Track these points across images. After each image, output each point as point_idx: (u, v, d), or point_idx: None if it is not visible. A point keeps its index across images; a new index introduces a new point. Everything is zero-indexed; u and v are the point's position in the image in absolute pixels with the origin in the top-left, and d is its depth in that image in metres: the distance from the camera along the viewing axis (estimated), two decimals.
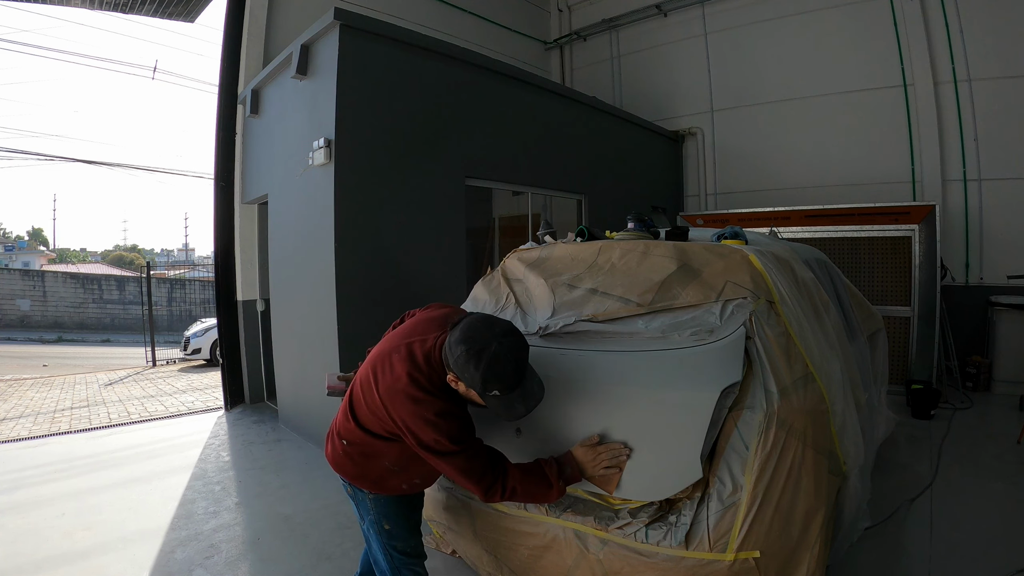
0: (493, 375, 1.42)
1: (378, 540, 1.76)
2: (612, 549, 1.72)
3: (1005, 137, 5.71)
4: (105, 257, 42.46)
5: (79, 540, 2.88)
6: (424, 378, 1.52)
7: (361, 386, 1.65)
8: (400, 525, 1.76)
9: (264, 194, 5.21)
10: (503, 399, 1.47)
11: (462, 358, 1.43)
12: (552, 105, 5.61)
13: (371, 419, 1.61)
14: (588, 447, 1.69)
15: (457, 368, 1.46)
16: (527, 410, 1.51)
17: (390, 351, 1.62)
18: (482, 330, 1.46)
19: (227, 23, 5.53)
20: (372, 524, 1.75)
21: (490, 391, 1.44)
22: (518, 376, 1.47)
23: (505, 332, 1.48)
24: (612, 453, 1.67)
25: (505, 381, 1.44)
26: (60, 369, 10.15)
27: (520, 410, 1.50)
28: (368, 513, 1.74)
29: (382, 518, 1.73)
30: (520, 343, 1.50)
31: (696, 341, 1.82)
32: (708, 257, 2.11)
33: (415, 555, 1.80)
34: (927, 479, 3.35)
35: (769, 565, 1.59)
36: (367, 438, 1.63)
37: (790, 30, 7.00)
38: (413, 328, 1.69)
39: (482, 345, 1.42)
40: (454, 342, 1.46)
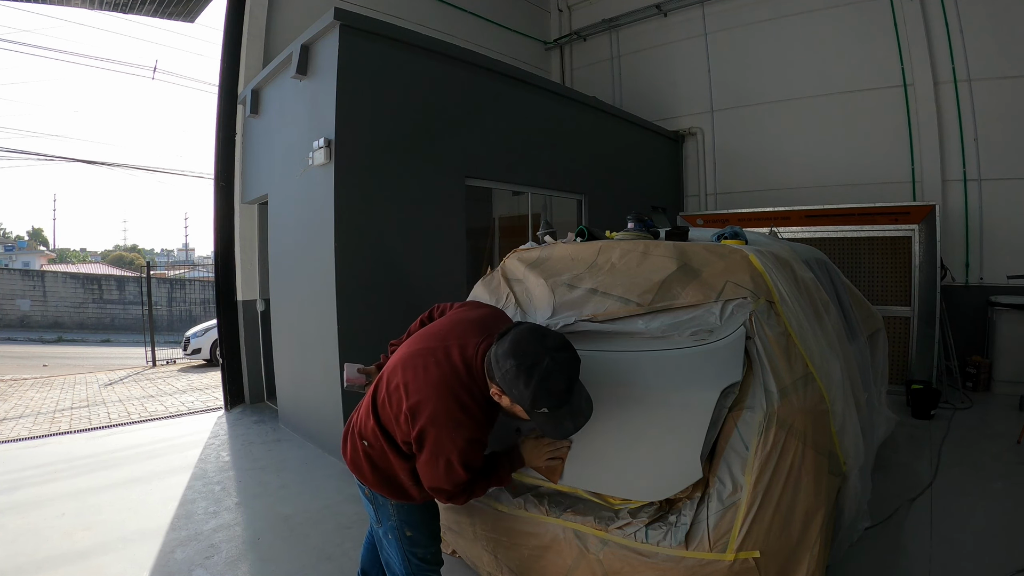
0: (544, 392, 1.34)
1: (397, 546, 1.68)
2: (612, 549, 1.72)
3: (1005, 137, 5.71)
4: (105, 257, 42.46)
5: (79, 540, 2.87)
6: (465, 391, 1.43)
7: (388, 387, 1.53)
8: (422, 532, 1.70)
9: (264, 194, 5.21)
10: (551, 417, 1.40)
11: (511, 373, 1.35)
12: (552, 105, 5.61)
13: (393, 425, 1.51)
14: (533, 440, 1.72)
15: (504, 383, 1.37)
16: (575, 428, 1.44)
17: (425, 352, 1.51)
18: (534, 343, 1.37)
19: (227, 23, 5.53)
20: (392, 530, 1.67)
21: (539, 408, 1.37)
22: (569, 393, 1.39)
23: (558, 346, 1.40)
24: (554, 446, 1.71)
25: (556, 399, 1.36)
26: (60, 369, 10.15)
27: (568, 428, 1.44)
28: (389, 519, 1.66)
29: (404, 525, 1.66)
30: (573, 358, 1.42)
31: (696, 341, 1.82)
32: (708, 257, 2.11)
33: (435, 562, 1.75)
34: (927, 479, 3.35)
35: (769, 565, 1.59)
36: (385, 445, 1.54)
37: (790, 30, 7.00)
38: (451, 329, 1.58)
39: (533, 360, 1.34)
40: (502, 354, 1.37)
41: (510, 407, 1.43)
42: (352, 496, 3.36)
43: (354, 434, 1.64)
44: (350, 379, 1.97)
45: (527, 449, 1.70)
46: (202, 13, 6.73)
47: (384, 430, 1.54)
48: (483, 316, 1.64)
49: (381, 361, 1.96)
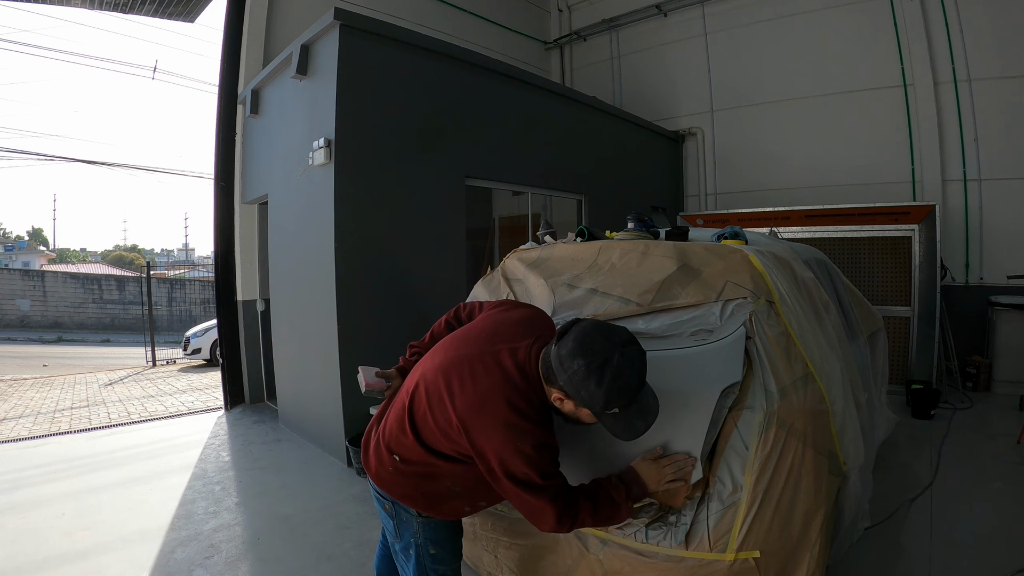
0: (617, 390, 1.26)
1: (417, 563, 1.58)
2: (612, 549, 1.72)
3: (1005, 137, 5.71)
4: (105, 257, 42.45)
5: (79, 540, 2.88)
6: (522, 398, 1.33)
7: (428, 397, 1.42)
8: (447, 549, 1.61)
9: (264, 194, 5.21)
10: (622, 416, 1.31)
11: (580, 373, 1.26)
12: (552, 105, 5.61)
13: (439, 438, 1.40)
14: (651, 461, 1.55)
15: (572, 385, 1.28)
16: (646, 428, 1.35)
17: (470, 358, 1.41)
18: (601, 340, 1.29)
19: (227, 23, 5.53)
20: (416, 547, 1.56)
21: (611, 409, 1.29)
22: (640, 390, 1.32)
23: (626, 341, 1.32)
24: (677, 466, 1.55)
25: (628, 396, 1.29)
26: (60, 369, 10.15)
27: (640, 427, 1.35)
28: (413, 536, 1.55)
29: (429, 543, 1.56)
30: (641, 352, 1.34)
31: (696, 341, 1.82)
32: (708, 257, 2.11)
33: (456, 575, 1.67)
34: (927, 479, 3.35)
35: (769, 565, 1.59)
36: (430, 458, 1.43)
37: (790, 30, 7.00)
38: (495, 331, 1.48)
39: (605, 357, 1.26)
40: (567, 355, 1.28)
41: (574, 411, 1.35)
42: (352, 496, 3.36)
43: (381, 447, 1.52)
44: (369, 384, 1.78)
45: (644, 471, 1.53)
46: (202, 13, 6.73)
47: (425, 444, 1.43)
48: (527, 316, 1.55)
49: (401, 364, 1.79)
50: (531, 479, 1.31)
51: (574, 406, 1.33)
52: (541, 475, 1.31)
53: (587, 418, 1.34)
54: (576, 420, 1.38)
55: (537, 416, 1.34)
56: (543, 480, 1.31)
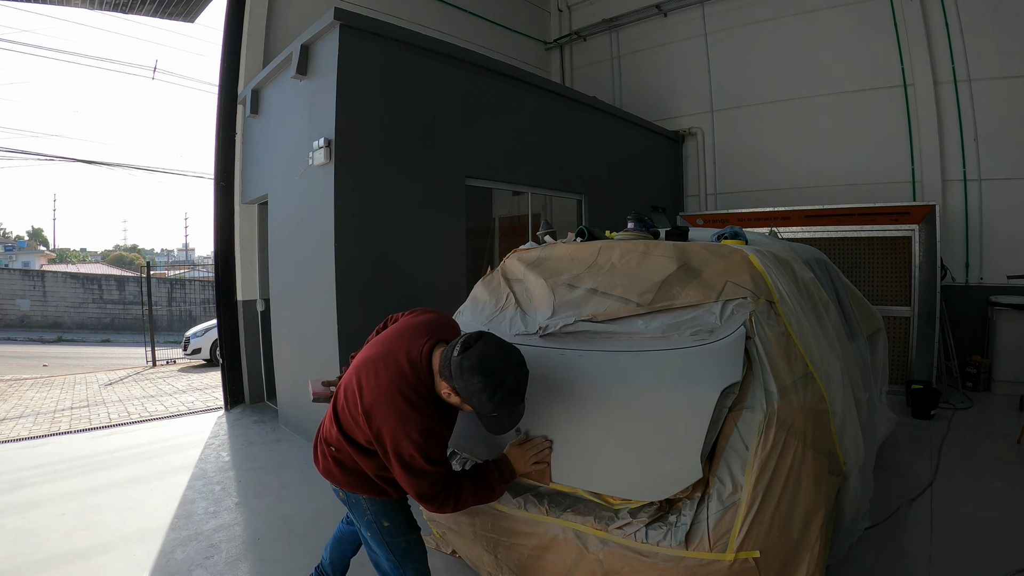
0: (503, 404, 1.52)
1: (378, 539, 1.76)
2: (612, 549, 1.72)
3: (1005, 137, 5.71)
4: (105, 257, 42.45)
5: (79, 540, 2.88)
6: (413, 391, 1.55)
7: (346, 394, 1.66)
8: (398, 521, 1.78)
9: (264, 194, 5.21)
10: (497, 418, 1.55)
11: (477, 386, 1.47)
12: (552, 105, 5.61)
13: (354, 429, 1.63)
14: (517, 446, 1.80)
15: (467, 392, 1.50)
16: (511, 427, 1.62)
17: (376, 358, 1.64)
18: (501, 362, 1.51)
19: (227, 23, 5.53)
20: (370, 524, 1.75)
21: (493, 413, 1.53)
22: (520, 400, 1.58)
23: (520, 365, 1.57)
24: (536, 449, 1.79)
25: (510, 407, 1.55)
26: (60, 369, 10.15)
27: (507, 426, 1.60)
28: (364, 514, 1.75)
29: (381, 517, 1.74)
30: (526, 374, 1.59)
31: (696, 341, 1.82)
32: (708, 257, 2.11)
33: (418, 549, 1.83)
34: (927, 479, 3.35)
35: (769, 565, 1.59)
36: (349, 448, 1.65)
37: (790, 30, 7.00)
38: (399, 335, 1.71)
39: (499, 380, 1.49)
40: (468, 368, 1.48)
41: (459, 404, 1.57)
42: None
43: (321, 442, 1.76)
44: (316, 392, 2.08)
45: (514, 457, 1.78)
46: (202, 13, 6.73)
47: (346, 434, 1.65)
48: (429, 320, 1.77)
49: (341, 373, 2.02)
50: (417, 462, 1.52)
51: (460, 401, 1.55)
52: (426, 459, 1.52)
53: (467, 408, 1.57)
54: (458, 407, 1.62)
55: (426, 407, 1.56)
56: (428, 464, 1.53)
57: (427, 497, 1.58)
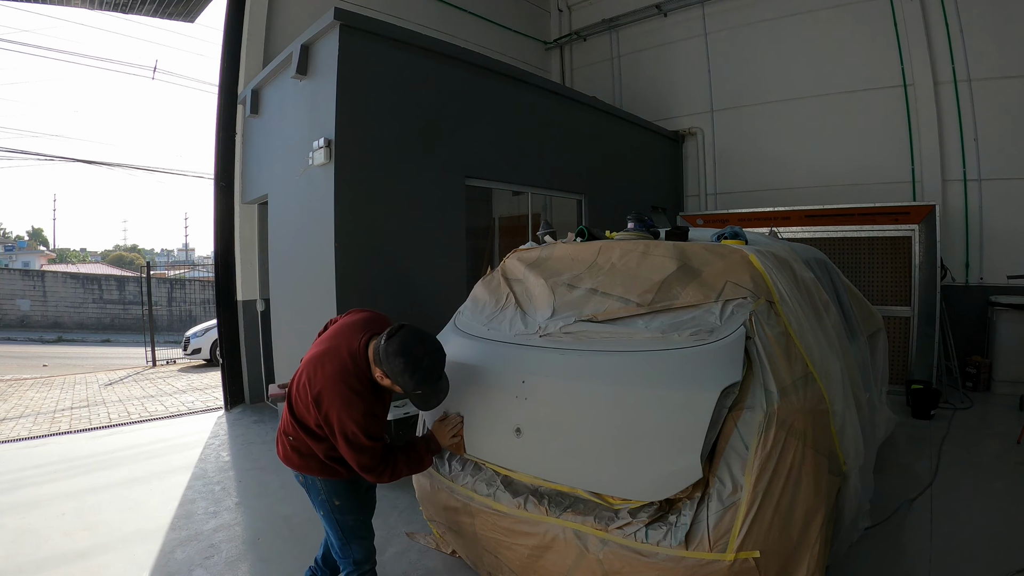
0: (424, 382, 1.79)
1: (330, 517, 1.96)
2: (612, 549, 1.72)
3: (1005, 137, 5.71)
4: (105, 257, 42.43)
5: (79, 540, 2.88)
6: (354, 378, 1.79)
7: (297, 387, 1.89)
8: (349, 499, 1.97)
9: (264, 194, 5.20)
10: (423, 395, 1.84)
11: (398, 367, 1.74)
12: (552, 105, 5.61)
13: (306, 415, 1.86)
14: (439, 423, 2.12)
15: (392, 374, 1.76)
16: (437, 403, 1.90)
17: (321, 354, 1.87)
18: (417, 346, 1.78)
19: (227, 23, 5.53)
20: (323, 504, 1.95)
21: (416, 391, 1.81)
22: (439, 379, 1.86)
23: (435, 349, 1.84)
24: (452, 424, 2.10)
25: (430, 386, 1.83)
26: (60, 369, 10.14)
27: (433, 403, 1.89)
28: (319, 494, 1.95)
29: (332, 496, 1.94)
30: (443, 357, 1.87)
31: (696, 341, 1.82)
32: (708, 257, 2.11)
33: (365, 528, 2.02)
34: (927, 479, 3.35)
35: (769, 565, 1.59)
36: (304, 435, 1.88)
37: (790, 30, 7.00)
38: (339, 332, 1.94)
39: (417, 361, 1.76)
40: (392, 352, 1.75)
41: (391, 386, 1.83)
42: None
43: (280, 434, 1.99)
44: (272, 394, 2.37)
45: (437, 432, 2.09)
46: (202, 13, 6.74)
47: (300, 422, 1.88)
48: (363, 318, 2.00)
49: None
50: (359, 439, 1.76)
51: (391, 383, 1.81)
52: (367, 436, 1.77)
53: (399, 389, 1.83)
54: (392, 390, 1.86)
55: (365, 391, 1.81)
56: (369, 440, 1.77)
57: (368, 468, 1.80)
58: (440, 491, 2.25)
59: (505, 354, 2.17)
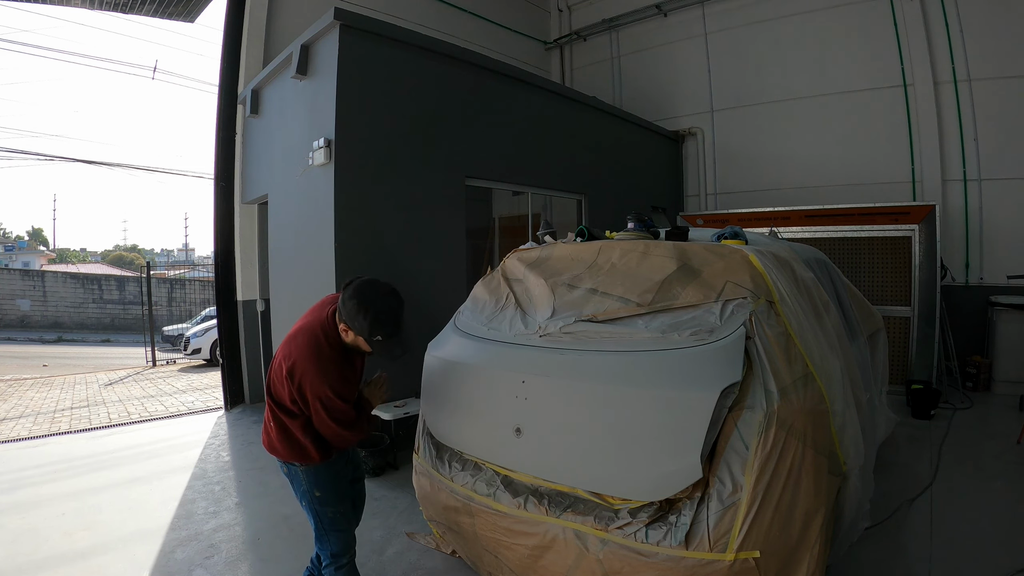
0: (378, 324, 1.81)
1: (310, 508, 1.99)
2: (612, 549, 1.72)
3: (1005, 137, 5.71)
4: (105, 257, 42.42)
5: (79, 540, 2.88)
6: (324, 345, 1.86)
7: (274, 368, 1.96)
8: (330, 491, 2.00)
9: (264, 194, 5.20)
10: (385, 345, 1.85)
11: (353, 310, 1.80)
12: (552, 105, 5.61)
13: (282, 392, 1.90)
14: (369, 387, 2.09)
15: (348, 318, 1.82)
16: (404, 352, 1.90)
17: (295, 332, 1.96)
18: (369, 290, 1.84)
19: (227, 23, 5.53)
20: (305, 494, 1.98)
21: (375, 336, 1.83)
22: (396, 326, 1.86)
23: (388, 292, 1.88)
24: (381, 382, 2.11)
25: (386, 329, 1.83)
26: (60, 369, 10.14)
27: (398, 353, 1.89)
28: (301, 485, 1.98)
29: (313, 487, 1.97)
30: (399, 301, 1.90)
31: (696, 341, 1.82)
32: (708, 257, 2.11)
33: (345, 520, 2.04)
34: (927, 479, 3.35)
35: (769, 565, 1.59)
36: (281, 414, 1.92)
37: (790, 30, 7.00)
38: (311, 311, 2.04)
39: (370, 301, 1.81)
40: (347, 298, 1.82)
41: (354, 340, 1.87)
42: None
43: (264, 425, 2.03)
44: None
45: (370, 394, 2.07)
46: (202, 13, 6.74)
47: (276, 402, 1.93)
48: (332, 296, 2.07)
49: None
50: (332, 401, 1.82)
51: (353, 335, 1.85)
52: (338, 396, 1.83)
53: (364, 345, 1.87)
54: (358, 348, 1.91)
55: (335, 355, 1.88)
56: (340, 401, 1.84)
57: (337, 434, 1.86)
58: (440, 491, 2.25)
59: (505, 354, 2.17)
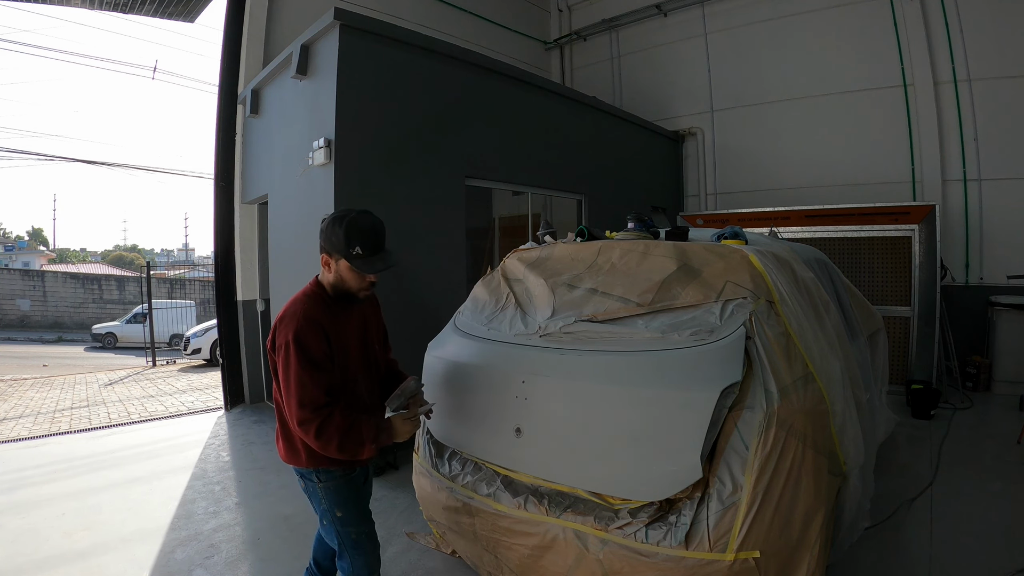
0: (355, 233, 1.72)
1: (331, 528, 1.87)
2: (612, 549, 1.72)
3: (1005, 137, 5.71)
4: (105, 257, 42.45)
5: (79, 540, 2.87)
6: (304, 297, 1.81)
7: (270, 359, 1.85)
8: (350, 511, 1.87)
9: (264, 194, 5.20)
10: (365, 259, 1.74)
11: (329, 226, 1.75)
12: (552, 105, 5.61)
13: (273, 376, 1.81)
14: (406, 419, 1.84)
15: (326, 240, 1.76)
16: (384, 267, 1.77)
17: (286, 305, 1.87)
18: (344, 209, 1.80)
19: (227, 23, 5.53)
20: (325, 513, 1.86)
21: (352, 248, 1.71)
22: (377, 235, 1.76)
23: (362, 211, 1.80)
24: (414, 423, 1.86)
25: (364, 238, 1.72)
26: (60, 369, 10.15)
27: (379, 266, 1.76)
28: (320, 503, 1.86)
29: (334, 506, 1.85)
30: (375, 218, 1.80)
31: (696, 341, 1.82)
32: (708, 257, 2.11)
33: (370, 540, 1.91)
34: (927, 479, 3.35)
35: (769, 565, 1.59)
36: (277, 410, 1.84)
37: (790, 30, 7.00)
38: None
39: (344, 214, 1.75)
40: (326, 223, 1.78)
41: (337, 270, 1.78)
42: None
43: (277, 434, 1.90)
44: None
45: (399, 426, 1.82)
46: (202, 13, 6.74)
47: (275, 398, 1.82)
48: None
49: None
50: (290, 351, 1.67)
51: (335, 263, 1.77)
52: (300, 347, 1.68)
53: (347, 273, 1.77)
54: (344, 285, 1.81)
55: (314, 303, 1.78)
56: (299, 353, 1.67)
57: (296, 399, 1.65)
58: (440, 491, 2.25)
59: (505, 354, 2.17)
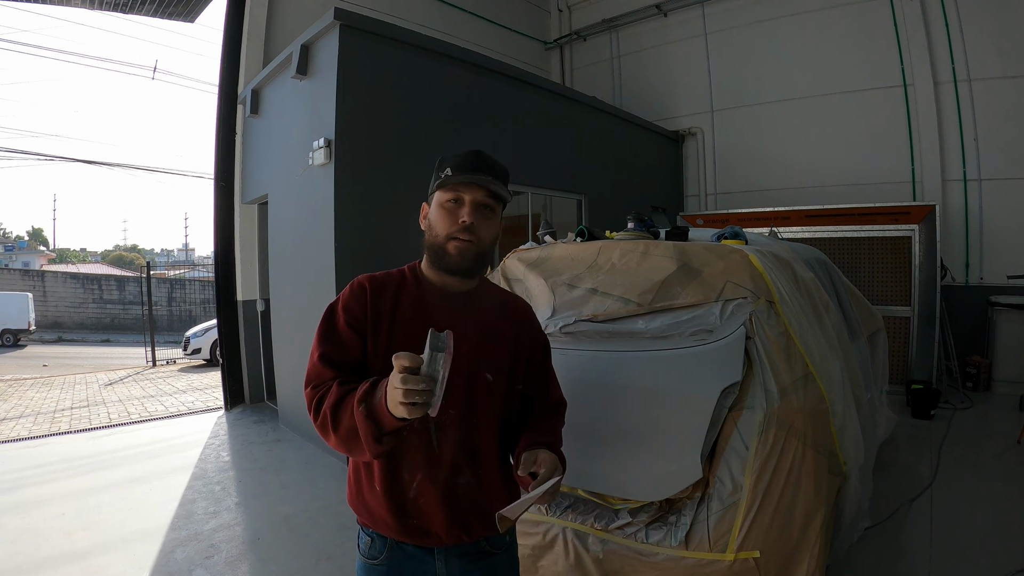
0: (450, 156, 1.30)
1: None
2: (612, 549, 1.72)
3: (1005, 137, 5.71)
4: (105, 257, 42.44)
5: (79, 540, 2.87)
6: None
7: None
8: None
9: (264, 194, 5.20)
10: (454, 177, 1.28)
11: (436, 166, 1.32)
12: (552, 105, 5.61)
13: None
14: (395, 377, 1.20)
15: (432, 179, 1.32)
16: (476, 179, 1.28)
17: None
18: None
19: (227, 23, 5.53)
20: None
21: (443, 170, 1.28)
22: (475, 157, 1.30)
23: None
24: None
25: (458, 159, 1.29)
26: (60, 369, 10.15)
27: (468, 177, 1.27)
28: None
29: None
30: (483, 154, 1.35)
31: (696, 341, 1.82)
32: (708, 257, 2.11)
33: None
34: (927, 479, 3.35)
35: (769, 565, 1.59)
36: None
37: (790, 30, 7.00)
38: None
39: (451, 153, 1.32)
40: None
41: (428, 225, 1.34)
42: None
43: None
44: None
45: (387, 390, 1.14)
46: (202, 13, 6.74)
47: None
48: None
49: None
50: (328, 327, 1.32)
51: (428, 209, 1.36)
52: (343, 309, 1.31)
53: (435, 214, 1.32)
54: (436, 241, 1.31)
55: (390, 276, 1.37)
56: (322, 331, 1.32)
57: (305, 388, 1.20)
58: None
59: None
